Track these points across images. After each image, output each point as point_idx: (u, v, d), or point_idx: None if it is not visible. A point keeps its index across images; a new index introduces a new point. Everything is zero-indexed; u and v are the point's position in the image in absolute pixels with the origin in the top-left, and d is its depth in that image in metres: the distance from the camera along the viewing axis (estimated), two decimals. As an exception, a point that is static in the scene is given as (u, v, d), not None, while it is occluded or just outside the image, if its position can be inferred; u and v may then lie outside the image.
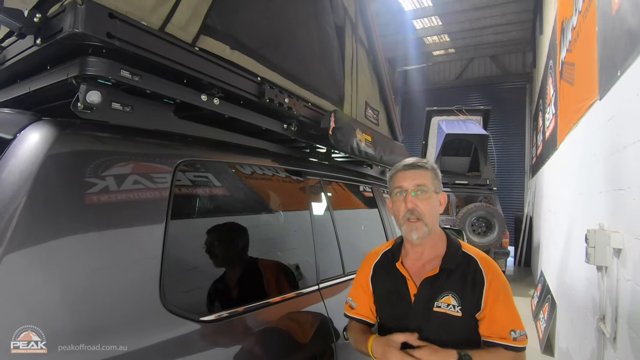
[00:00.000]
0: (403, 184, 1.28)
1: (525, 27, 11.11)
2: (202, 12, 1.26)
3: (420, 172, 1.29)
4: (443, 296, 1.24)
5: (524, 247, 9.14)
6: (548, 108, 5.88)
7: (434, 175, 1.31)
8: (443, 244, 1.33)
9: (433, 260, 1.31)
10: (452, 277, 1.25)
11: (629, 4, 1.82)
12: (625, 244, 1.86)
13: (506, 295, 1.24)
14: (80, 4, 0.92)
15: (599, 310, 2.15)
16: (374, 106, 2.63)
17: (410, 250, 1.35)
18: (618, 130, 2.03)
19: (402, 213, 1.27)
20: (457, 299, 1.23)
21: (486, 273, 1.24)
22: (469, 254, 1.30)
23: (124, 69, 1.05)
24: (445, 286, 1.25)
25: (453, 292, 1.24)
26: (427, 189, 1.27)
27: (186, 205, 1.27)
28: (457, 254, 1.30)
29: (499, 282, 1.24)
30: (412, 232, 1.25)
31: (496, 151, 10.27)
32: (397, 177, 1.32)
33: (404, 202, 1.27)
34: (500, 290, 1.23)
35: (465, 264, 1.28)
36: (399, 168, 1.33)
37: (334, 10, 2.15)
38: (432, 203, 1.28)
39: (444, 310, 1.23)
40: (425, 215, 1.25)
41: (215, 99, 1.33)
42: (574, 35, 3.53)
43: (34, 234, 0.85)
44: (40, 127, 0.97)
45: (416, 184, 1.27)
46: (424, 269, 1.30)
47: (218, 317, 1.16)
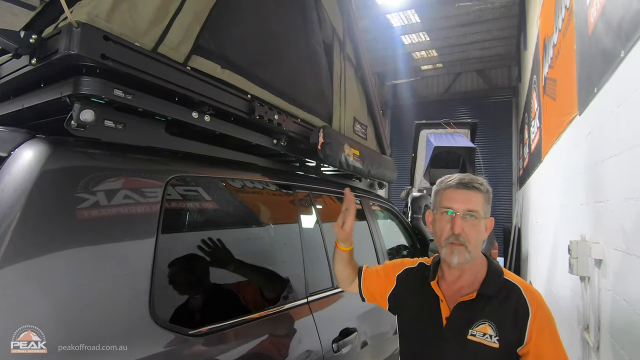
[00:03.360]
0: (453, 205, 1.15)
1: (510, 43, 11.42)
2: (194, 33, 1.31)
3: (474, 195, 1.16)
4: (479, 324, 1.12)
5: (513, 258, 9.20)
6: (533, 121, 6.03)
7: (486, 199, 1.18)
8: (483, 269, 1.21)
9: (471, 284, 1.19)
10: (491, 304, 1.14)
11: (603, 25, 1.91)
12: (605, 255, 1.91)
13: (552, 329, 1.11)
14: (76, 27, 0.96)
15: (583, 320, 2.20)
16: (362, 121, 2.69)
17: (446, 272, 1.24)
18: (596, 145, 2.11)
19: (446, 235, 1.15)
20: (495, 329, 1.11)
21: (531, 303, 1.12)
22: (512, 281, 1.18)
23: (117, 88, 1.09)
24: (482, 314, 1.13)
25: (490, 320, 1.12)
26: (478, 215, 1.14)
27: (177, 220, 1.29)
28: (498, 280, 1.18)
29: (544, 314, 1.12)
30: (454, 257, 1.13)
31: (484, 163, 10.42)
32: (447, 193, 1.19)
33: (450, 224, 1.14)
34: (546, 323, 1.11)
35: (506, 291, 1.16)
36: (451, 184, 1.19)
37: (322, 29, 2.22)
38: (480, 229, 1.16)
39: (479, 340, 1.11)
40: (471, 242, 1.13)
41: (206, 116, 1.37)
42: (555, 52, 3.66)
43: (27, 249, 0.87)
44: (34, 144, 0.99)
45: (468, 209, 1.14)
46: (460, 293, 1.19)
47: (207, 331, 1.18)
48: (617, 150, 1.72)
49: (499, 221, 11.24)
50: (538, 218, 5.38)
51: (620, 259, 1.67)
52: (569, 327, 2.65)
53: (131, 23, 1.11)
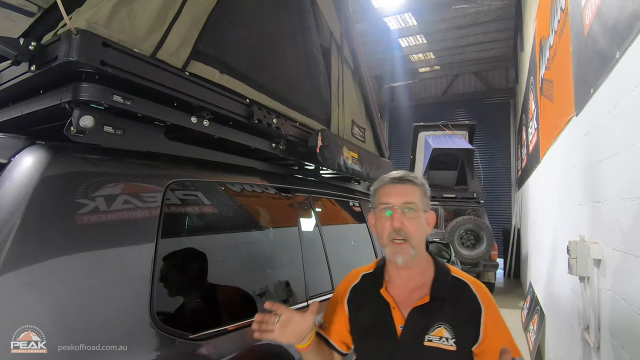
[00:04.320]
0: (390, 200, 1.14)
1: (507, 45, 11.48)
2: (192, 39, 1.31)
3: (409, 188, 1.15)
4: (435, 328, 1.10)
5: (512, 259, 9.23)
6: (531, 122, 6.05)
7: (423, 192, 1.17)
8: (431, 269, 1.20)
9: (421, 287, 1.16)
10: (445, 305, 1.12)
11: (598, 26, 1.93)
12: (604, 255, 1.92)
13: (502, 322, 1.14)
14: (75, 33, 0.96)
15: (583, 320, 2.21)
16: (360, 124, 2.70)
17: (394, 276, 1.20)
18: (593, 146, 2.12)
19: (387, 232, 1.12)
20: (451, 331, 1.09)
21: (481, 299, 1.13)
22: (461, 278, 1.18)
23: (116, 94, 1.09)
24: (437, 317, 1.11)
25: (446, 323, 1.10)
26: (416, 207, 1.13)
27: (176, 224, 1.30)
28: (447, 279, 1.17)
29: (494, 308, 1.14)
30: (398, 255, 1.11)
31: (482, 165, 10.47)
32: (383, 191, 1.18)
33: (390, 220, 1.12)
34: (496, 317, 1.13)
35: (457, 290, 1.15)
36: (386, 181, 1.18)
37: (320, 33, 2.23)
38: (420, 223, 1.14)
39: (436, 345, 1.08)
40: (412, 236, 1.11)
41: (205, 120, 1.38)
42: (551, 53, 3.68)
43: (28, 254, 0.87)
44: (34, 151, 0.99)
45: (404, 202, 1.12)
46: (412, 298, 1.15)
47: (208, 335, 1.18)
48: (614, 151, 1.73)
49: (498, 222, 11.31)
50: (537, 219, 5.39)
51: (619, 258, 1.68)
52: (570, 327, 2.66)
53: (130, 29, 1.11)
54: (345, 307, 1.24)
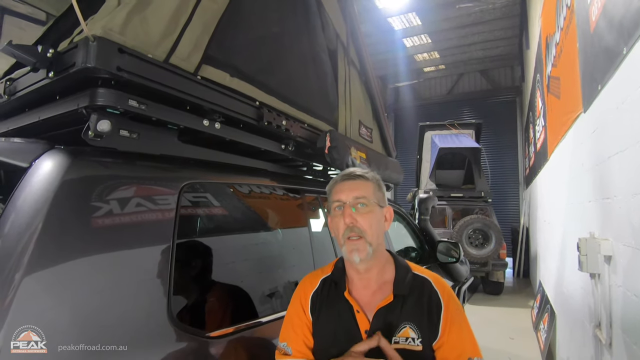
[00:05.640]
0: (341, 196, 1.12)
1: (513, 43, 11.42)
2: (203, 44, 1.34)
3: (360, 183, 1.13)
4: (401, 329, 1.07)
5: (522, 258, 9.17)
6: (538, 120, 6.02)
7: (376, 187, 1.16)
8: (391, 267, 1.18)
9: (383, 286, 1.14)
10: (408, 304, 1.10)
11: (605, 22, 1.93)
12: (614, 251, 1.92)
13: (463, 318, 1.11)
14: (92, 40, 1.00)
15: (594, 318, 2.20)
16: (367, 124, 2.71)
17: (355, 277, 1.16)
18: (602, 142, 2.12)
19: (342, 230, 1.10)
20: (416, 330, 1.07)
21: (442, 295, 1.12)
22: (422, 275, 1.17)
23: (132, 99, 1.12)
24: (402, 317, 1.09)
25: (411, 322, 1.08)
26: (368, 201, 1.11)
27: (192, 225, 1.32)
28: (407, 277, 1.15)
29: (455, 304, 1.12)
30: (354, 253, 1.08)
31: (490, 163, 10.42)
32: (335, 189, 1.16)
33: (343, 217, 1.10)
34: (457, 313, 1.10)
35: (419, 287, 1.13)
36: (337, 179, 1.17)
37: (327, 35, 2.26)
38: (375, 218, 1.12)
39: (402, 346, 1.05)
40: (367, 232, 1.08)
41: (217, 123, 1.40)
42: (557, 50, 3.67)
43: (50, 256, 0.90)
44: (54, 155, 1.02)
45: (355, 197, 1.11)
46: (375, 299, 1.12)
47: (224, 333, 1.20)
48: (623, 146, 1.73)
49: (507, 221, 11.23)
50: (546, 217, 5.36)
51: (630, 254, 1.68)
52: (581, 325, 2.64)
53: (143, 36, 1.14)
54: (309, 316, 1.17)
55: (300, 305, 1.19)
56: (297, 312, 1.18)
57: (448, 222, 7.90)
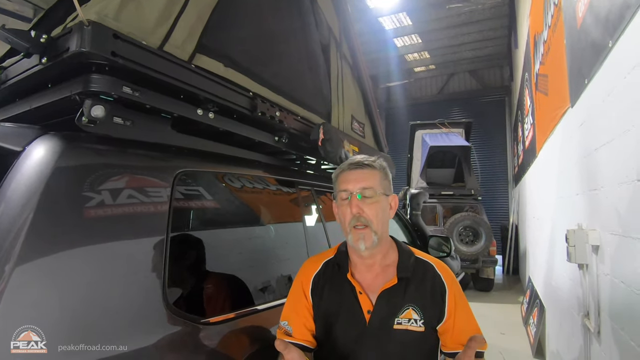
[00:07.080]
0: (348, 186, 1.12)
1: (502, 43, 11.57)
2: (197, 32, 1.35)
3: (368, 172, 1.13)
4: (404, 310, 1.10)
5: (511, 255, 9.28)
6: (526, 118, 6.11)
7: (383, 176, 1.16)
8: (394, 252, 1.20)
9: (386, 269, 1.16)
10: (411, 287, 1.13)
11: (591, 18, 1.97)
12: (602, 241, 1.96)
13: (465, 302, 1.16)
14: (87, 25, 0.99)
15: (583, 307, 2.24)
16: (359, 119, 2.73)
17: (358, 261, 1.17)
18: (589, 134, 2.16)
19: (348, 219, 1.11)
20: (419, 312, 1.10)
21: (445, 279, 1.15)
22: (425, 259, 1.20)
23: (126, 85, 1.11)
24: (405, 299, 1.11)
25: (414, 304, 1.11)
26: (375, 192, 1.11)
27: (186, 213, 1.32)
28: (411, 261, 1.17)
29: (457, 287, 1.16)
30: (360, 242, 1.09)
31: (479, 162, 10.54)
32: (341, 177, 1.16)
33: (349, 207, 1.11)
34: (460, 297, 1.14)
35: (422, 271, 1.16)
36: (344, 168, 1.16)
37: (319, 29, 2.27)
38: (381, 207, 1.13)
39: (405, 327, 1.08)
40: (373, 221, 1.10)
41: (210, 113, 1.40)
42: (545, 48, 3.73)
43: (43, 243, 0.88)
44: (48, 140, 1.01)
45: (362, 187, 1.11)
46: (378, 282, 1.14)
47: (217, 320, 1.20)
48: (609, 137, 1.77)
49: (496, 219, 11.35)
50: (535, 213, 5.44)
51: (617, 242, 1.72)
52: (570, 316, 2.69)
53: (138, 22, 1.14)
54: (309, 299, 1.18)
55: (301, 288, 1.20)
56: (298, 295, 1.20)
57: (439, 219, 7.96)
